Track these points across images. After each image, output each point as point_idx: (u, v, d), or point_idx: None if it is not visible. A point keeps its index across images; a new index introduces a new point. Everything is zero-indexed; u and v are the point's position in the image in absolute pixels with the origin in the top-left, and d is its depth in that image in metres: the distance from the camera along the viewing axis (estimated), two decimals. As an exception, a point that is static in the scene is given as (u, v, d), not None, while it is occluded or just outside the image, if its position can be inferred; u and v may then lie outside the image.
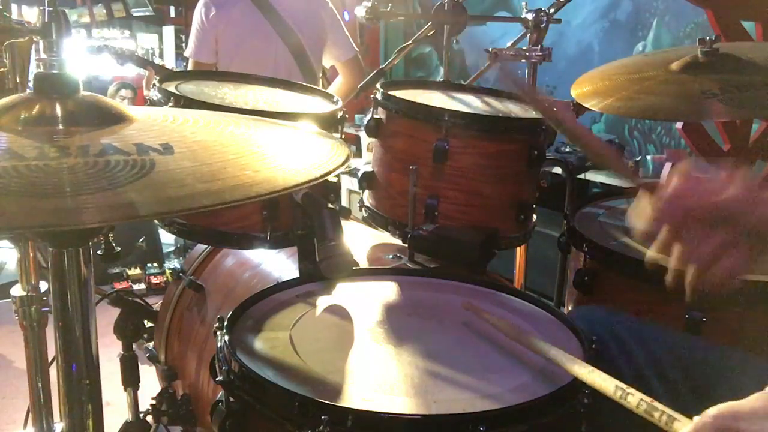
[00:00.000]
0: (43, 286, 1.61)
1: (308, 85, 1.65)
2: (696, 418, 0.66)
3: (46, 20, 0.88)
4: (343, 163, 0.86)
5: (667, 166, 2.80)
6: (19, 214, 0.66)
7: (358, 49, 2.83)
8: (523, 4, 1.91)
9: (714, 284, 0.80)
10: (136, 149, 0.79)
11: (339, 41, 2.71)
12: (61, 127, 0.82)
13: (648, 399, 0.72)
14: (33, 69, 1.35)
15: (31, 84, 0.97)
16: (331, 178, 1.44)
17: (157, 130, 0.88)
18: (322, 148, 0.93)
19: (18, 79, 1.37)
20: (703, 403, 0.76)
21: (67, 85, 0.85)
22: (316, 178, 0.79)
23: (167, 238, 4.63)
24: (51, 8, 0.88)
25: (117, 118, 0.86)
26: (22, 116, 0.82)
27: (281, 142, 0.95)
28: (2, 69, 1.30)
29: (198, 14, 2.66)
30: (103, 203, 0.68)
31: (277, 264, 1.52)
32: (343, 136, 1.44)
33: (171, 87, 1.41)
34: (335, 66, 2.80)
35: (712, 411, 0.65)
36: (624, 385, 0.76)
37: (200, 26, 2.65)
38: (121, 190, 0.70)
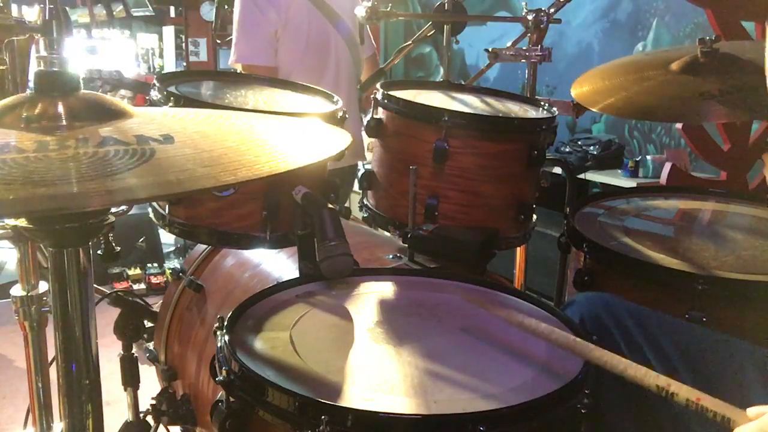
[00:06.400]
0: (43, 286, 1.61)
1: (308, 85, 1.65)
2: (753, 410, 0.64)
3: (46, 18, 0.88)
4: (344, 149, 0.86)
5: (667, 165, 2.80)
6: (18, 201, 0.65)
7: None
8: (523, 4, 1.91)
9: None
10: (136, 140, 0.79)
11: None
12: (62, 123, 0.82)
13: (694, 397, 0.71)
14: (33, 67, 1.35)
15: (31, 82, 0.97)
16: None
17: (157, 123, 0.88)
18: (322, 135, 0.94)
19: (18, 78, 1.37)
20: (705, 390, 0.76)
21: (68, 83, 0.85)
22: (318, 161, 0.79)
23: (167, 238, 4.63)
24: (52, 6, 0.88)
25: (117, 114, 0.86)
26: (24, 115, 0.82)
27: (282, 131, 0.95)
28: (2, 67, 1.30)
29: (248, 12, 2.38)
30: (103, 188, 0.68)
31: (277, 264, 1.51)
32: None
33: (170, 87, 1.41)
34: None
35: None
36: (665, 383, 0.75)
37: (254, 25, 2.37)
38: (122, 176, 0.70)
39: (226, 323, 0.98)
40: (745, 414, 0.65)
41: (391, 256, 1.45)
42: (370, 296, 1.19)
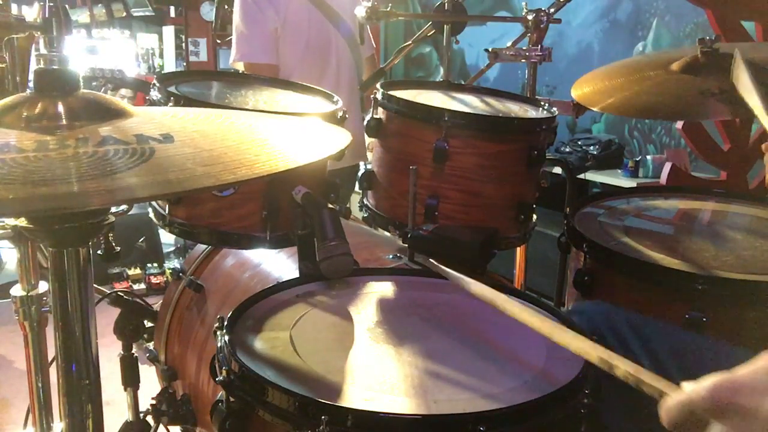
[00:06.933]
0: (43, 286, 1.61)
1: (308, 85, 1.65)
2: (688, 386, 0.62)
3: (46, 16, 0.88)
4: (344, 148, 0.86)
5: (667, 165, 2.81)
6: (18, 201, 0.65)
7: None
8: (523, 4, 1.91)
9: None
10: (136, 139, 0.79)
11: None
12: (62, 123, 0.82)
13: (633, 370, 0.70)
14: (33, 66, 1.36)
15: (31, 81, 0.97)
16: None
17: (156, 123, 0.88)
18: (322, 134, 0.94)
19: (18, 77, 1.37)
20: None
21: (68, 82, 0.85)
22: (318, 160, 0.79)
23: (167, 238, 4.64)
24: (52, 4, 0.88)
25: (116, 113, 0.86)
26: (24, 115, 0.82)
27: (281, 130, 0.95)
28: (2, 65, 1.30)
29: (248, 11, 2.39)
30: (103, 187, 0.68)
31: (277, 264, 1.51)
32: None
33: (170, 87, 1.41)
34: None
35: (708, 383, 0.60)
36: (608, 355, 0.75)
37: (254, 23, 2.38)
38: (121, 175, 0.70)
39: (226, 323, 0.98)
40: (680, 389, 0.63)
41: (391, 256, 1.45)
42: (370, 296, 1.19)
